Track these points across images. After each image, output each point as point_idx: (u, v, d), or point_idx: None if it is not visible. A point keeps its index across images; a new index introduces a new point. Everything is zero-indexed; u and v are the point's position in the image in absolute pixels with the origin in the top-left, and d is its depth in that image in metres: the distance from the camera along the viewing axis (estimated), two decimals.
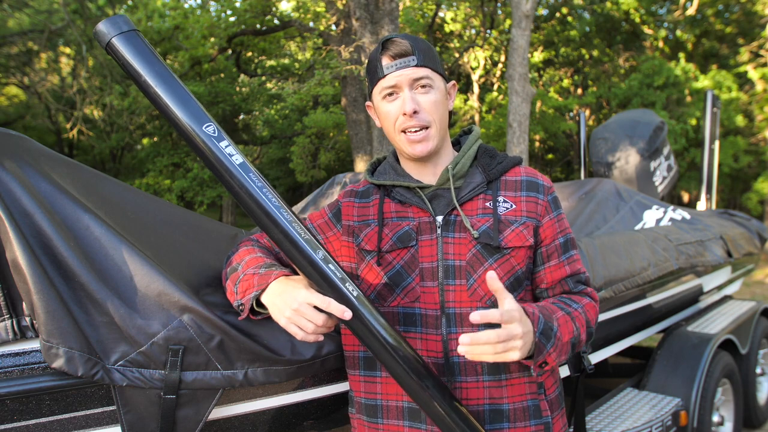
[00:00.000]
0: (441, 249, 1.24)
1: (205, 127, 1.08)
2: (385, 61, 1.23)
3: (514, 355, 1.04)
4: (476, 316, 1.01)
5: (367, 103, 1.35)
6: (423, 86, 1.23)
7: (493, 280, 1.06)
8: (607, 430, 2.25)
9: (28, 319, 1.20)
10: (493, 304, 1.22)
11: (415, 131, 1.23)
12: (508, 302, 1.06)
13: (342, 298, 1.09)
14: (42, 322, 1.14)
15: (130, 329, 1.18)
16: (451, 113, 1.35)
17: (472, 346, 1.02)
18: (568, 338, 1.17)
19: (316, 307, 1.09)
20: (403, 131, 1.24)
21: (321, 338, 1.12)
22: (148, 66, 1.07)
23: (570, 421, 2.03)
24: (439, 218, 1.25)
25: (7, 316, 1.19)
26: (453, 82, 1.34)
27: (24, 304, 1.19)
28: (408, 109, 1.21)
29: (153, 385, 1.21)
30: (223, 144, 1.08)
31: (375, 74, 1.25)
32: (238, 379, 1.27)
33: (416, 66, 1.21)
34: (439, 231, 1.25)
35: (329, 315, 1.09)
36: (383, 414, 1.27)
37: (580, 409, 1.99)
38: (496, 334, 1.02)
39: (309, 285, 1.12)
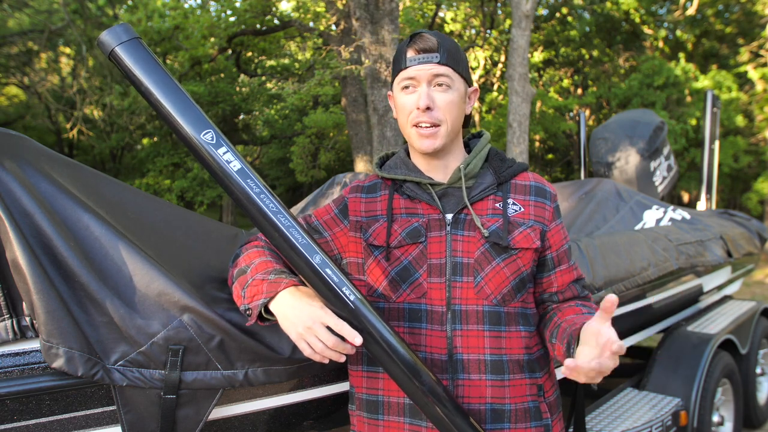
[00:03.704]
0: (450, 246, 1.25)
1: (204, 134, 1.10)
2: (410, 53, 1.25)
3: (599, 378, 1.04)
4: (571, 363, 1.01)
5: (389, 92, 1.37)
6: (441, 84, 1.24)
7: (611, 303, 1.01)
8: (607, 430, 2.25)
9: (28, 319, 1.20)
10: (499, 304, 1.24)
11: (426, 127, 1.24)
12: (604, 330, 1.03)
13: (339, 302, 1.10)
14: (42, 322, 1.14)
15: (130, 329, 1.18)
16: (469, 118, 1.36)
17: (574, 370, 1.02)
18: None
19: (328, 328, 1.09)
20: (415, 125, 1.26)
21: (326, 361, 1.11)
22: (149, 74, 1.09)
23: (570, 421, 2.03)
24: (449, 216, 1.27)
25: (7, 316, 1.19)
26: (475, 87, 1.35)
27: (24, 304, 1.19)
28: (422, 104, 1.22)
29: (153, 385, 1.21)
30: (222, 150, 1.10)
31: (398, 64, 1.27)
32: (238, 379, 1.27)
33: (438, 63, 1.23)
34: (448, 228, 1.26)
35: (341, 338, 1.09)
36: (384, 410, 1.27)
37: (580, 409, 1.99)
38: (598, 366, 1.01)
39: (324, 304, 1.12)
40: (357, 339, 1.08)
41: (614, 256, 2.29)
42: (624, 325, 2.54)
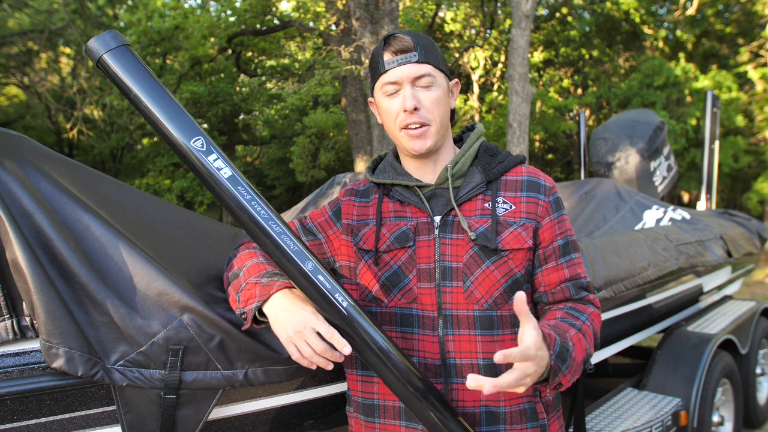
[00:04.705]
0: (438, 250, 1.23)
1: (194, 142, 1.09)
2: (387, 56, 1.22)
3: (521, 390, 1.02)
4: (500, 357, 0.96)
5: (370, 99, 1.35)
6: (424, 83, 1.22)
7: (520, 302, 0.99)
8: (607, 430, 2.25)
9: (28, 319, 1.20)
10: (491, 308, 1.21)
11: (415, 128, 1.22)
12: (528, 335, 0.99)
13: (331, 309, 1.10)
14: (42, 322, 1.14)
15: (130, 329, 1.18)
16: (453, 111, 1.33)
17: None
18: (582, 357, 1.14)
19: (319, 334, 1.09)
20: (404, 128, 1.23)
21: (314, 366, 1.11)
22: (137, 81, 1.08)
23: (570, 421, 2.03)
24: (437, 219, 1.24)
25: (7, 316, 1.19)
26: (456, 80, 1.32)
27: (24, 304, 1.19)
28: (408, 105, 1.20)
29: (153, 385, 1.21)
30: (212, 158, 1.10)
31: (377, 69, 1.25)
32: (239, 379, 1.27)
33: (417, 62, 1.20)
34: (436, 232, 1.24)
35: (330, 345, 1.09)
36: (380, 413, 1.27)
37: (579, 409, 1.99)
38: (514, 378, 0.99)
39: (316, 309, 1.12)
40: (346, 348, 1.07)
41: (614, 256, 2.29)
42: (624, 325, 2.54)
